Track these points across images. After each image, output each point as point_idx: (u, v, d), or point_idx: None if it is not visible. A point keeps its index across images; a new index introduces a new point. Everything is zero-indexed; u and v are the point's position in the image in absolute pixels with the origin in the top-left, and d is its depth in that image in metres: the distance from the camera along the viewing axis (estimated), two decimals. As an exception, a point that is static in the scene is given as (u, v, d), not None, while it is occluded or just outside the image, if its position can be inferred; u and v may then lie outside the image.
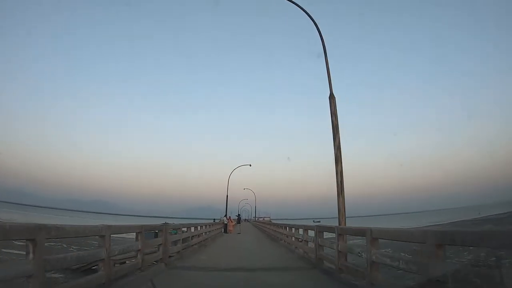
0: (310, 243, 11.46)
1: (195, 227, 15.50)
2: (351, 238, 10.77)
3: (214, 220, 34.06)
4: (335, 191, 10.34)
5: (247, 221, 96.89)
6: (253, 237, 26.88)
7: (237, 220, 37.60)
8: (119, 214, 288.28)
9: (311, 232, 11.66)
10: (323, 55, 11.47)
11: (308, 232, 11.94)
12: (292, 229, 15.35)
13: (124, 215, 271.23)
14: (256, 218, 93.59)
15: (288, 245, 16.06)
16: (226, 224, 32.71)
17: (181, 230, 11.87)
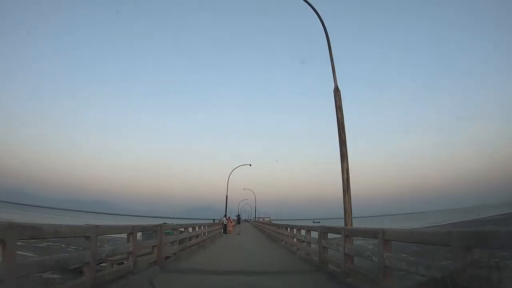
0: (312, 245, 10.94)
1: (193, 228, 14.92)
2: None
3: (214, 221, 33.49)
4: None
5: (247, 221, 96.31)
6: (253, 238, 26.34)
7: (237, 221, 37.06)
8: (119, 214, 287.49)
9: (313, 233, 11.17)
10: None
11: (310, 233, 11.41)
12: (294, 230, 14.76)
13: (123, 215, 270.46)
14: (256, 219, 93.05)
15: (289, 247, 15.48)
16: (225, 225, 32.16)
17: (178, 230, 11.30)
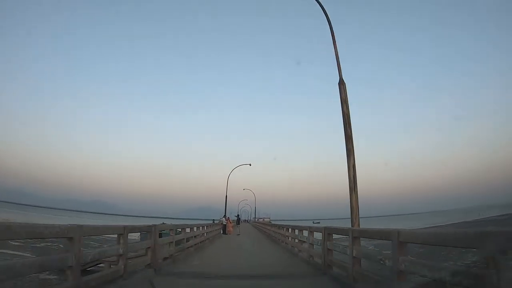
0: (316, 246, 10.39)
1: (191, 228, 14.35)
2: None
3: (214, 221, 32.95)
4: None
5: (247, 222, 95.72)
6: (253, 239, 25.81)
7: (237, 221, 36.52)
8: (118, 215, 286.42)
9: (316, 234, 10.62)
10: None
11: (313, 234, 10.86)
12: (295, 230, 14.20)
13: (123, 215, 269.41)
14: (255, 219, 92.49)
15: (291, 248, 14.91)
16: (225, 225, 31.60)
17: (174, 231, 10.74)
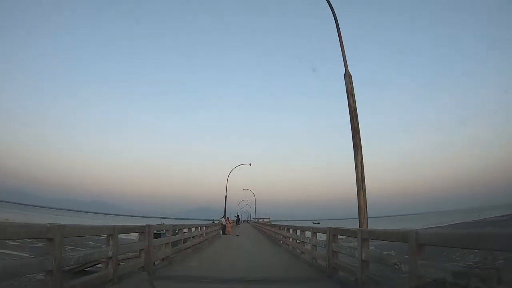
0: (319, 248, 9.89)
1: (188, 229, 13.84)
2: (350, 240, 8.83)
3: (213, 221, 32.46)
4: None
5: (247, 222, 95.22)
6: (252, 240, 25.28)
7: (236, 221, 36.03)
8: (118, 215, 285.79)
9: (319, 236, 10.12)
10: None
11: (317, 235, 10.36)
12: (297, 231, 13.67)
13: (123, 215, 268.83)
14: (255, 219, 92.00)
15: (292, 250, 14.39)
16: (224, 226, 31.10)
17: (170, 232, 10.24)
